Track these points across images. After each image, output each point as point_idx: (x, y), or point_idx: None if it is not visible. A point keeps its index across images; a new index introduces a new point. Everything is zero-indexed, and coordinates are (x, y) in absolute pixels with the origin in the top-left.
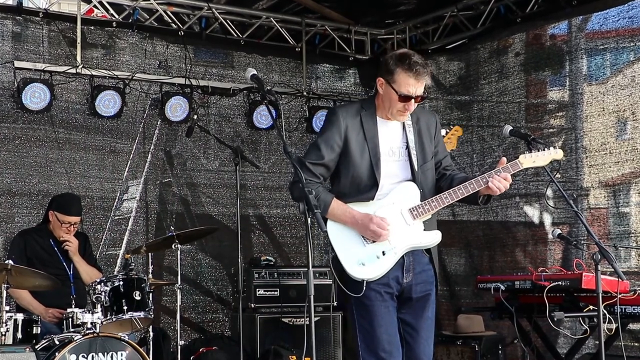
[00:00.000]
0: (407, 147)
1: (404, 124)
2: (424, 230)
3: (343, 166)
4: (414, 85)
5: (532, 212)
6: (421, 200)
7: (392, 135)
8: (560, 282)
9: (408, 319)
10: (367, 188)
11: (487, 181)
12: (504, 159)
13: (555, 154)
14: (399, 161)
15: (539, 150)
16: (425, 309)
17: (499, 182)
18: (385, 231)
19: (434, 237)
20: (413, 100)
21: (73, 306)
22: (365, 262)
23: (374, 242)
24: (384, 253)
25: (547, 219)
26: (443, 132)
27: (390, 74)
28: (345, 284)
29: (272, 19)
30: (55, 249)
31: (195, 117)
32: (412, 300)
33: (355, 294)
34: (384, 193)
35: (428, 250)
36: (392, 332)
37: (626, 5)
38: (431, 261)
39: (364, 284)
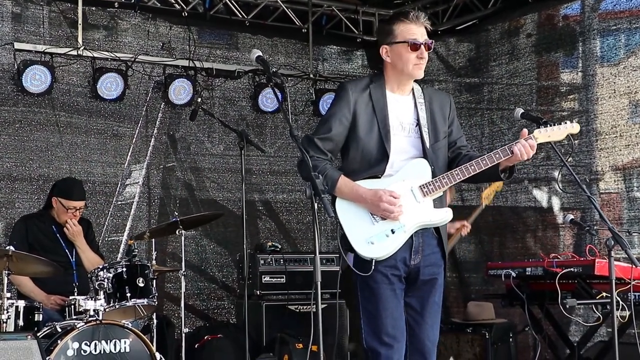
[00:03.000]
0: (419, 124)
1: (415, 100)
2: (434, 207)
3: (352, 140)
4: (418, 30)
5: (542, 197)
6: (432, 178)
7: (403, 111)
8: (572, 269)
9: (413, 303)
10: (377, 161)
11: (512, 150)
12: (526, 130)
13: (572, 128)
14: (409, 137)
15: (555, 125)
16: (432, 293)
17: (524, 147)
18: (397, 208)
19: (445, 215)
20: (424, 47)
21: (75, 293)
22: (374, 240)
23: (383, 219)
24: (393, 231)
25: (556, 204)
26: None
27: (390, 34)
28: (353, 263)
29: None
30: (58, 235)
31: (199, 100)
32: (418, 282)
33: (363, 273)
34: (395, 169)
35: (437, 232)
36: (398, 315)
37: None
38: (440, 243)
39: (373, 263)
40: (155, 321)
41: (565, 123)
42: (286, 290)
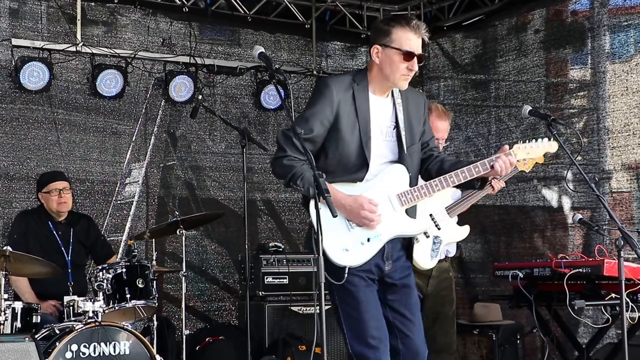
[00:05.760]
0: (397, 127)
1: (394, 101)
2: (409, 217)
3: (331, 142)
4: (415, 41)
5: (551, 196)
6: (410, 185)
7: (383, 114)
8: (581, 269)
9: (398, 306)
10: (355, 168)
11: (492, 165)
12: (507, 146)
13: (549, 146)
14: (386, 141)
15: (535, 141)
16: (410, 295)
17: (505, 163)
18: (377, 217)
19: (420, 226)
20: (416, 59)
21: (71, 294)
22: (349, 247)
23: (359, 226)
24: (368, 239)
25: (567, 203)
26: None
27: (386, 36)
28: (326, 270)
29: None
30: (54, 232)
31: (200, 97)
32: (397, 286)
33: (336, 281)
34: (373, 174)
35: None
36: (380, 317)
37: None
38: (404, 247)
39: (346, 271)
40: (155, 323)
41: (542, 140)
42: (289, 292)
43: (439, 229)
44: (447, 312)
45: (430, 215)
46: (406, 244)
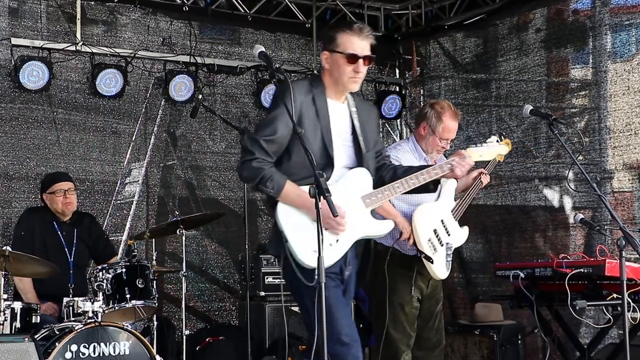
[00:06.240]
0: (354, 133)
1: (349, 109)
2: (374, 218)
3: (295, 144)
4: (359, 44)
5: (553, 196)
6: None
7: (341, 119)
8: (582, 269)
9: None
10: (320, 168)
11: (451, 166)
12: (462, 150)
13: (501, 149)
14: (344, 146)
15: (486, 143)
16: (351, 297)
17: (462, 165)
18: (345, 220)
19: (384, 227)
20: (362, 62)
21: (71, 296)
22: (317, 249)
23: (326, 229)
24: (337, 241)
25: (568, 203)
26: (493, 139)
27: (332, 41)
28: (299, 271)
29: None
30: (59, 232)
31: (200, 96)
32: (347, 291)
33: (308, 282)
34: (335, 179)
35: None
36: (349, 315)
37: None
38: (357, 255)
39: (316, 273)
40: (155, 323)
41: (493, 141)
42: (289, 292)
43: (449, 234)
44: (439, 310)
45: (442, 221)
46: (361, 252)
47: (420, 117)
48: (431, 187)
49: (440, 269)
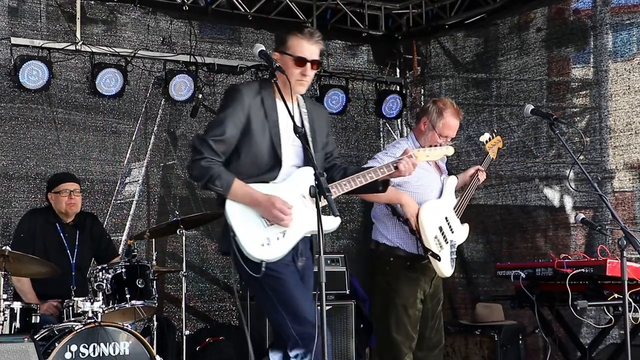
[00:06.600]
0: (304, 134)
1: (300, 110)
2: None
3: (244, 144)
4: (308, 48)
5: (553, 196)
6: None
7: (290, 120)
8: (583, 269)
9: None
10: (268, 168)
11: (396, 165)
12: (409, 149)
13: (446, 150)
14: (293, 146)
15: (436, 147)
16: (311, 284)
17: (408, 164)
18: (288, 216)
19: (333, 223)
20: (309, 65)
21: (72, 297)
22: (264, 242)
23: (272, 223)
24: (284, 235)
25: (569, 203)
26: (486, 136)
27: (283, 44)
28: (245, 263)
29: None
30: (61, 234)
31: (200, 96)
32: (304, 282)
33: (255, 274)
34: (282, 177)
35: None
36: (310, 297)
37: None
38: (311, 247)
39: (263, 266)
40: (155, 323)
41: (441, 146)
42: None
43: (452, 232)
44: (440, 310)
45: (446, 218)
46: (311, 245)
47: (422, 112)
48: (380, 187)
49: (446, 266)
